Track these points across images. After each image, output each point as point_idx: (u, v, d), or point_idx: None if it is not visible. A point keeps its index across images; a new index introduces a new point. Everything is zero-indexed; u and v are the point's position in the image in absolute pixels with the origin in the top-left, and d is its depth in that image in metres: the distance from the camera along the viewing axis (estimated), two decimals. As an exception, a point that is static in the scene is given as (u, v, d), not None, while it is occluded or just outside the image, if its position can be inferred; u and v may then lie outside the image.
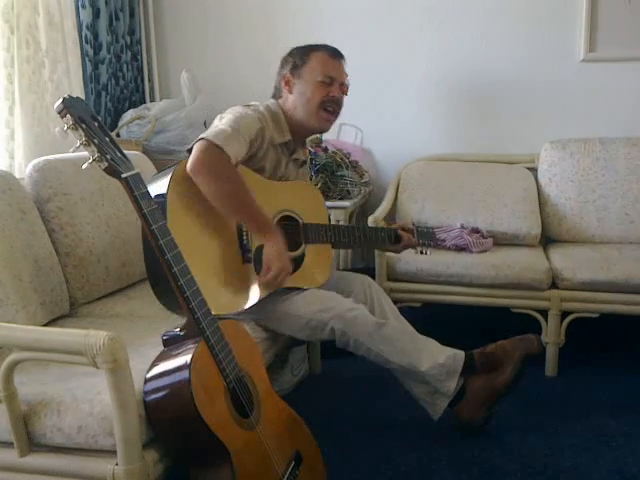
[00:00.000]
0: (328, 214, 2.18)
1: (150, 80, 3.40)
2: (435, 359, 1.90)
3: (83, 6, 2.84)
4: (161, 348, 1.39)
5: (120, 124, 2.99)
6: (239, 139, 1.79)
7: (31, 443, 1.34)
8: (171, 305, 1.75)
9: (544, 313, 2.49)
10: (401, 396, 2.03)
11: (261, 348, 1.83)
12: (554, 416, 2.19)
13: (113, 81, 3.09)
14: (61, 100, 1.25)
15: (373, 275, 2.55)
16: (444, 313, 2.74)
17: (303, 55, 2.00)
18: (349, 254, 3.07)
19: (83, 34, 2.85)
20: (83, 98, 1.33)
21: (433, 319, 2.45)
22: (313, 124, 2.00)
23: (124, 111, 3.12)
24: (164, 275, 1.35)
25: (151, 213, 1.33)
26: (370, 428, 2.13)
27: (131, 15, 3.21)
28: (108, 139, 1.31)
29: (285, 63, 2.04)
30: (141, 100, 3.33)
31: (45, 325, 1.79)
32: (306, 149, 2.19)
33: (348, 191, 2.89)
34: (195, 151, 1.71)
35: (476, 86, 3.11)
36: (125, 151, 1.35)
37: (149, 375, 1.34)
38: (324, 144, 3.00)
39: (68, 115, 1.25)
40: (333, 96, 1.98)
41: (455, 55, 3.10)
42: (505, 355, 1.96)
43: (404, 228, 2.19)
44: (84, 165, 1.30)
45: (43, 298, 1.80)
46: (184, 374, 1.28)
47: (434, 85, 3.15)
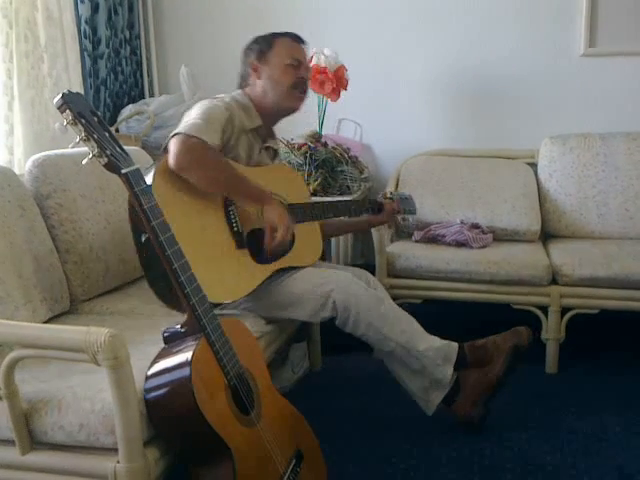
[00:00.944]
0: (310, 192, 2.22)
1: (149, 75, 3.39)
2: (431, 343, 1.94)
3: (82, 0, 2.83)
4: (162, 345, 1.39)
5: (119, 119, 2.98)
6: (211, 127, 1.82)
7: (32, 441, 1.34)
8: (164, 295, 1.75)
9: (544, 309, 2.48)
10: (401, 393, 2.03)
11: (262, 344, 1.83)
12: (554, 413, 2.18)
13: (112, 76, 3.08)
14: (60, 95, 1.24)
15: (373, 271, 2.55)
16: (444, 309, 2.74)
17: (268, 41, 2.05)
18: (349, 250, 3.06)
19: (82, 29, 2.84)
20: (82, 93, 1.32)
21: (433, 315, 2.44)
22: (287, 105, 2.04)
23: (123, 106, 3.11)
24: (158, 265, 1.35)
25: (151, 209, 1.33)
26: (371, 425, 2.13)
27: (130, 9, 3.20)
28: (108, 134, 1.30)
29: (250, 51, 2.07)
30: (140, 95, 3.32)
31: (45, 322, 1.78)
32: (277, 139, 2.23)
33: (348, 186, 2.89)
34: (173, 147, 1.72)
35: (476, 81, 3.10)
36: (124, 146, 1.34)
37: (150, 372, 1.34)
38: (324, 139, 3.00)
39: (68, 110, 1.24)
40: (302, 77, 2.04)
41: (455, 50, 3.09)
42: (496, 348, 1.98)
43: (384, 198, 2.32)
44: (84, 161, 1.29)
45: (43, 295, 1.80)
46: (185, 371, 1.28)
47: (434, 80, 3.14)
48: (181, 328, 1.37)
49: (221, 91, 2.08)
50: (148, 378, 1.33)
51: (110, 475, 1.28)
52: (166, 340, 1.39)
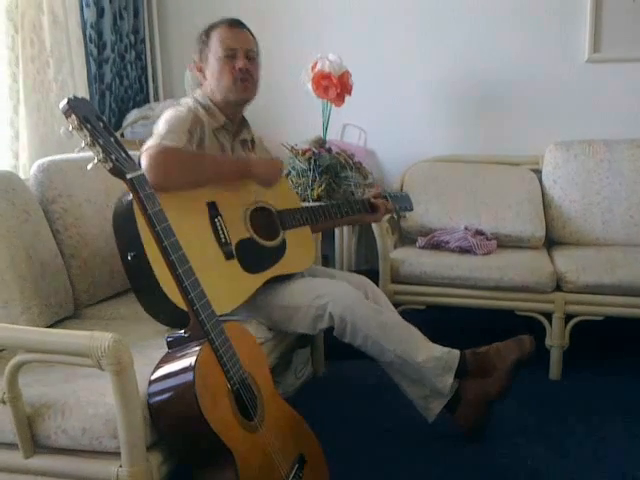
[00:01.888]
0: (298, 195, 2.20)
1: (154, 80, 3.40)
2: (431, 352, 1.91)
3: (87, 5, 2.84)
4: (165, 350, 1.39)
5: (124, 124, 2.99)
6: (177, 132, 1.83)
7: (35, 445, 1.34)
8: (155, 312, 1.75)
9: (548, 316, 2.48)
10: (405, 398, 2.02)
11: (265, 350, 1.83)
12: (558, 419, 2.18)
13: (117, 81, 3.09)
14: (66, 100, 1.25)
15: (377, 277, 2.55)
16: (448, 315, 2.74)
17: (205, 37, 2.03)
18: (352, 256, 3.06)
19: (87, 33, 2.85)
20: (87, 98, 1.33)
21: (437, 322, 2.44)
22: (235, 98, 1.98)
23: (128, 111, 3.12)
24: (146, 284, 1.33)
25: (156, 214, 1.33)
26: (373, 430, 2.12)
27: (135, 14, 3.21)
28: (113, 139, 1.31)
29: (194, 51, 2.05)
30: (145, 100, 3.33)
31: (50, 327, 1.78)
32: (251, 128, 2.16)
33: (352, 192, 2.89)
34: (146, 163, 1.68)
35: (480, 87, 3.10)
36: (129, 152, 1.35)
37: (153, 377, 1.34)
38: (328, 145, 3.00)
39: (73, 115, 1.25)
40: (240, 68, 1.95)
41: (459, 56, 3.09)
42: (498, 359, 1.95)
43: (376, 196, 2.28)
44: (89, 166, 1.30)
45: (48, 299, 1.80)
46: (188, 376, 1.28)
47: (438, 86, 3.14)
48: (185, 333, 1.37)
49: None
50: (151, 383, 1.33)
51: (113, 479, 1.28)
52: (170, 345, 1.39)
